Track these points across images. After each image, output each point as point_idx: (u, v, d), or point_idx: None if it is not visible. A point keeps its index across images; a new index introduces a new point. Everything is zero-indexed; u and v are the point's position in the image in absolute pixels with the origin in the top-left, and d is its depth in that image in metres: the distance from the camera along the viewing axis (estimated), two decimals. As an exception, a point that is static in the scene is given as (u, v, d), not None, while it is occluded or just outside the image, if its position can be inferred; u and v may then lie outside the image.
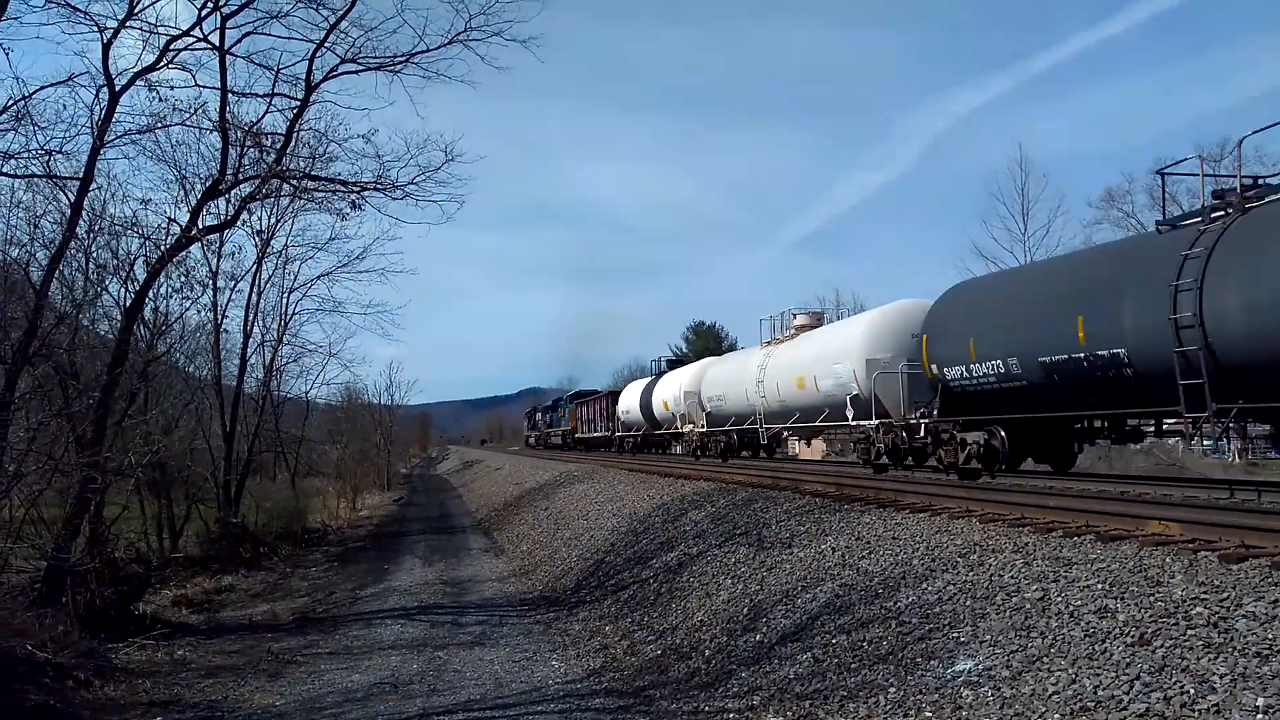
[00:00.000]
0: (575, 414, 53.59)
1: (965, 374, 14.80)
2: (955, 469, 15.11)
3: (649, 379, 38.51)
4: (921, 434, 16.16)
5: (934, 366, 15.67)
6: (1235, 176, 11.06)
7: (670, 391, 32.86)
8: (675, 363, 38.25)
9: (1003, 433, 14.17)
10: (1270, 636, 5.43)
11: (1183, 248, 10.87)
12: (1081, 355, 12.21)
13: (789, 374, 22.19)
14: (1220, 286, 10.28)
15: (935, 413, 15.69)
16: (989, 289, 16.10)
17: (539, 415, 72.35)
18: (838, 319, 26.78)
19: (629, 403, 39.20)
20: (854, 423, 18.89)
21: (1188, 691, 5.18)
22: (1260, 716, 4.78)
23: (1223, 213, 10.94)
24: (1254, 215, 10.52)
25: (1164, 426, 13.42)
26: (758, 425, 24.49)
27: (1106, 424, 13.71)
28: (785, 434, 24.12)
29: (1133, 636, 5.98)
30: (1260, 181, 11.20)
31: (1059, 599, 6.97)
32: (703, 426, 29.07)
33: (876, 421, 17.71)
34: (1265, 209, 10.49)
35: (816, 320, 24.20)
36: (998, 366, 14.00)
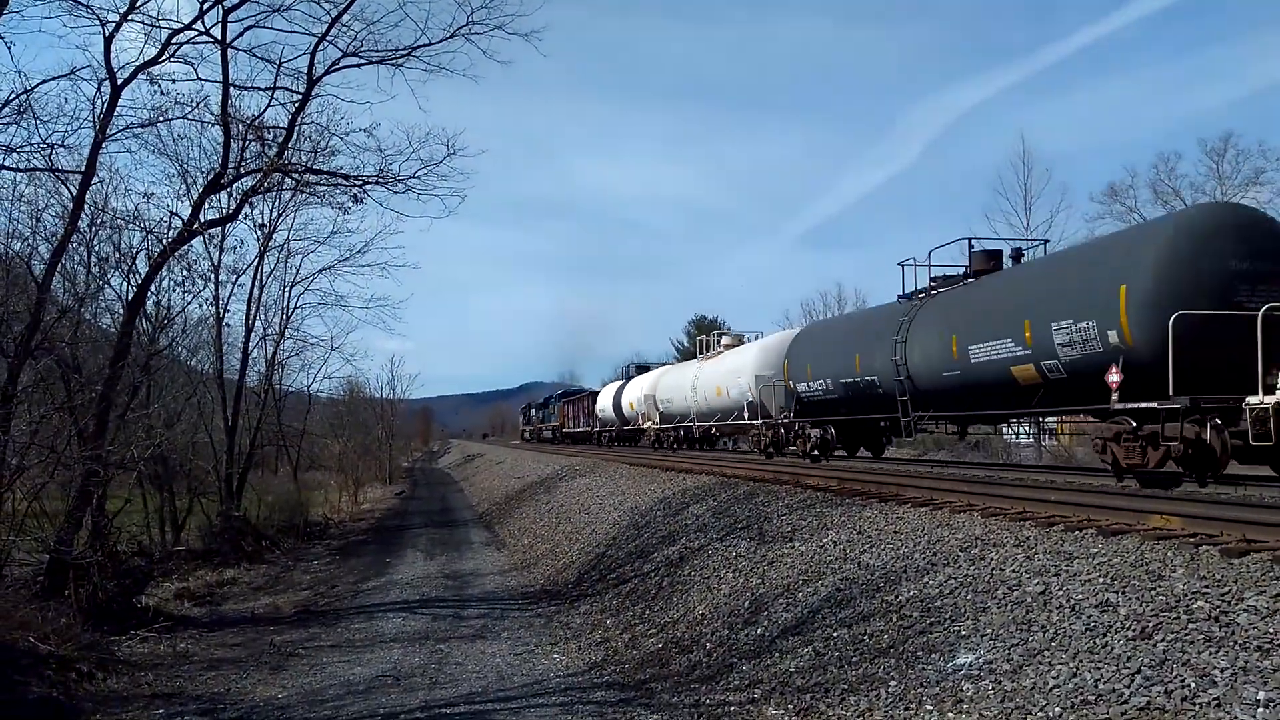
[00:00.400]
0: (563, 411, 58.39)
1: (808, 388, 20.53)
2: (806, 455, 20.76)
3: (620, 382, 44.10)
4: (797, 430, 21.66)
5: (791, 382, 21.43)
6: (941, 266, 17.12)
7: (635, 394, 38.11)
8: (641, 368, 44.17)
9: (832, 429, 20.16)
10: (1271, 631, 5.43)
11: (901, 315, 16.71)
12: (859, 379, 18.08)
13: (712, 383, 28.04)
14: (912, 341, 16.04)
15: (793, 415, 21.62)
16: (820, 330, 22.55)
17: (533, 412, 75.74)
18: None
19: (604, 403, 44.33)
20: (749, 421, 24.76)
21: (1188, 685, 5.18)
22: (1261, 710, 4.78)
23: (924, 294, 16.79)
24: (935, 298, 16.30)
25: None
26: (692, 423, 30.14)
27: (887, 424, 18.82)
28: (714, 430, 29.36)
29: (1134, 630, 5.98)
30: (969, 274, 16.23)
31: (1060, 593, 6.97)
32: (658, 424, 34.52)
33: (761, 421, 23.77)
34: (940, 294, 16.21)
35: (738, 341, 30.00)
36: (823, 384, 19.81)
